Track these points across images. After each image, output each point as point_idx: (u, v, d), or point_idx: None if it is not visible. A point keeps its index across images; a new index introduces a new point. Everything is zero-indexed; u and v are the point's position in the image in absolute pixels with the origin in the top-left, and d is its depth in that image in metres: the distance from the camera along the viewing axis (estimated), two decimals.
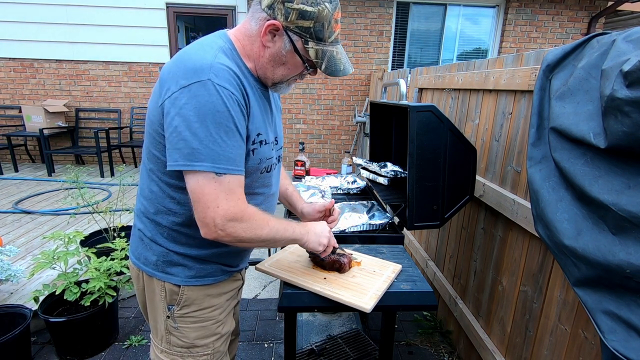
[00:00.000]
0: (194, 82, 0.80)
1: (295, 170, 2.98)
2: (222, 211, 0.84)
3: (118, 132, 5.67)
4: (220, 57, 0.86)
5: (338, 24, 0.91)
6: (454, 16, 5.50)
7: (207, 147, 0.81)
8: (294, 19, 0.85)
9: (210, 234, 0.86)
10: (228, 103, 0.82)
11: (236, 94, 0.84)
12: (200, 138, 0.80)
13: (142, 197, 1.00)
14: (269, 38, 0.89)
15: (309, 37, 0.88)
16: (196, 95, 0.80)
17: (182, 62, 0.84)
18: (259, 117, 0.94)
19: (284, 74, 0.95)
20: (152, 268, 0.99)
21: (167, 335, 1.03)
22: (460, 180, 1.52)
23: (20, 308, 1.91)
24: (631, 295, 0.80)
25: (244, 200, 0.89)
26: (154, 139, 0.90)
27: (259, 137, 0.94)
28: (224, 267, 1.05)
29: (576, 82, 0.95)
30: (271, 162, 1.02)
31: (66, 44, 5.40)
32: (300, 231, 1.05)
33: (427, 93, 2.67)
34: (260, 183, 1.02)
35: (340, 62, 0.93)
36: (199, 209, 0.85)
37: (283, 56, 0.91)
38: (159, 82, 0.87)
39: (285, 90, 1.01)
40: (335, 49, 0.92)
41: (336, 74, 0.93)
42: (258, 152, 0.94)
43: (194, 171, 0.82)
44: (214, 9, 5.42)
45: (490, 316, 1.72)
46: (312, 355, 1.85)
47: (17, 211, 3.76)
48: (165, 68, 0.87)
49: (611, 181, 0.82)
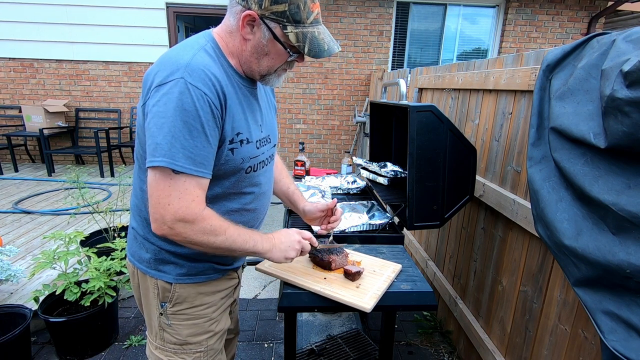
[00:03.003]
0: (169, 81, 0.81)
1: (295, 170, 2.99)
2: (172, 209, 0.83)
3: (118, 132, 5.67)
4: (200, 56, 0.86)
5: (316, 3, 0.89)
6: (454, 16, 5.50)
7: (168, 142, 0.80)
8: (267, 5, 0.84)
9: (159, 230, 0.86)
10: (197, 103, 0.81)
11: (209, 94, 0.83)
12: (164, 133, 0.80)
13: (135, 196, 1.02)
14: (248, 30, 0.88)
15: (287, 22, 0.86)
16: (167, 93, 0.80)
17: (162, 63, 0.85)
18: (240, 117, 0.93)
19: (269, 65, 0.94)
20: (145, 266, 1.01)
21: (160, 332, 1.04)
22: (460, 180, 1.52)
23: (20, 308, 1.91)
24: (631, 295, 0.80)
25: (201, 202, 0.88)
26: (141, 139, 0.91)
27: (238, 137, 0.93)
28: (216, 266, 1.05)
29: (576, 82, 0.95)
30: (257, 161, 1.01)
31: (66, 44, 5.40)
32: (264, 246, 1.01)
33: (427, 93, 2.67)
34: (248, 182, 1.01)
35: (324, 42, 0.90)
36: (151, 203, 0.85)
37: (264, 46, 0.90)
38: (143, 83, 0.89)
39: (275, 82, 1.00)
40: (317, 29, 0.89)
41: (320, 54, 0.90)
42: (238, 152, 0.94)
43: (153, 167, 0.83)
44: (214, 9, 5.42)
45: (490, 316, 1.72)
46: (312, 355, 1.85)
47: (17, 211, 3.76)
48: (148, 70, 0.88)
49: (611, 181, 0.82)
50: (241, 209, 1.03)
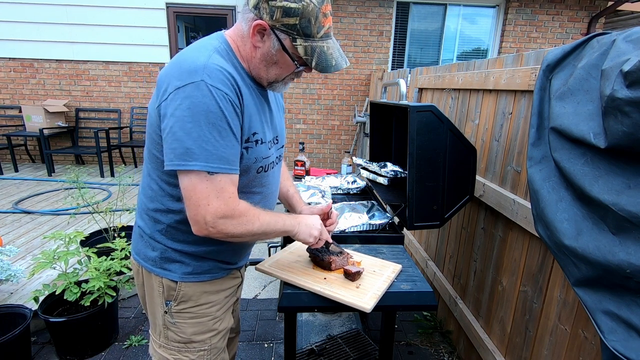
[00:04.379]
0: (188, 84, 0.82)
1: (295, 170, 2.99)
2: (212, 209, 0.86)
3: (118, 132, 5.67)
4: (215, 57, 0.87)
5: (327, 18, 0.88)
6: (454, 16, 5.50)
7: (200, 146, 0.82)
8: (279, 17, 0.84)
9: (202, 231, 0.88)
10: (221, 103, 0.83)
11: (230, 94, 0.85)
12: (194, 138, 0.82)
13: (143, 195, 1.02)
14: (258, 38, 0.89)
15: (297, 35, 0.87)
16: (189, 96, 0.81)
17: (177, 65, 0.86)
18: (255, 117, 0.95)
19: (277, 74, 0.95)
20: (150, 264, 1.02)
21: (164, 330, 1.05)
22: (460, 180, 1.52)
23: (20, 308, 1.91)
24: (631, 295, 0.80)
25: (236, 197, 0.90)
26: (153, 140, 0.92)
27: (254, 137, 0.94)
28: (221, 265, 1.06)
29: (576, 82, 0.95)
30: (268, 162, 1.02)
31: (66, 44, 5.40)
32: (292, 222, 1.06)
33: (427, 93, 2.67)
34: (257, 182, 1.02)
35: (332, 57, 0.91)
36: (191, 206, 0.86)
37: (274, 55, 0.91)
38: (157, 85, 0.89)
39: (282, 89, 1.01)
40: (326, 44, 0.90)
41: (327, 69, 0.91)
42: (253, 151, 0.95)
43: (187, 170, 0.84)
44: (214, 9, 5.42)
45: (490, 316, 1.72)
46: (312, 355, 1.85)
47: (17, 211, 3.76)
48: (162, 71, 0.89)
49: (611, 181, 0.82)
50: None
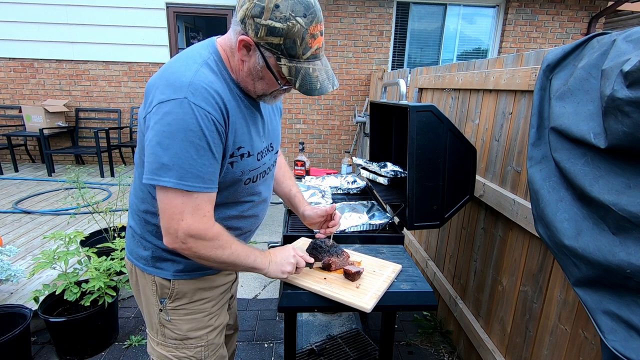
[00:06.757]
0: (171, 99, 0.81)
1: (295, 170, 2.98)
2: (185, 225, 0.85)
3: (118, 132, 5.67)
4: (202, 72, 0.85)
5: (316, 39, 0.84)
6: (454, 16, 5.49)
7: (176, 164, 0.82)
8: (263, 35, 0.81)
9: (172, 244, 0.88)
10: (202, 122, 0.82)
11: (213, 112, 0.84)
12: (170, 154, 0.81)
13: (134, 197, 1.03)
14: (244, 52, 0.87)
15: (281, 54, 0.84)
16: (171, 112, 0.81)
17: (164, 78, 0.85)
18: (243, 130, 0.94)
19: (264, 88, 0.92)
20: (143, 263, 1.03)
21: (161, 328, 1.06)
22: (460, 180, 1.52)
23: (20, 308, 1.91)
24: (631, 295, 0.80)
25: (211, 217, 0.90)
26: (142, 145, 0.91)
27: (239, 151, 0.93)
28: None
29: (576, 82, 0.95)
30: (257, 172, 1.02)
31: (66, 44, 5.40)
32: (262, 261, 1.02)
33: (427, 93, 2.67)
34: (246, 192, 1.02)
35: (317, 80, 0.87)
36: (165, 218, 0.86)
37: (259, 71, 0.88)
38: (145, 94, 0.89)
39: (271, 102, 0.99)
40: (312, 66, 0.86)
41: (311, 92, 0.87)
42: (238, 165, 0.94)
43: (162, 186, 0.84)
44: (214, 9, 5.42)
45: (490, 316, 1.72)
46: (312, 355, 1.85)
47: (17, 211, 3.76)
48: (150, 80, 0.88)
49: (611, 181, 0.82)
50: (239, 215, 1.05)
